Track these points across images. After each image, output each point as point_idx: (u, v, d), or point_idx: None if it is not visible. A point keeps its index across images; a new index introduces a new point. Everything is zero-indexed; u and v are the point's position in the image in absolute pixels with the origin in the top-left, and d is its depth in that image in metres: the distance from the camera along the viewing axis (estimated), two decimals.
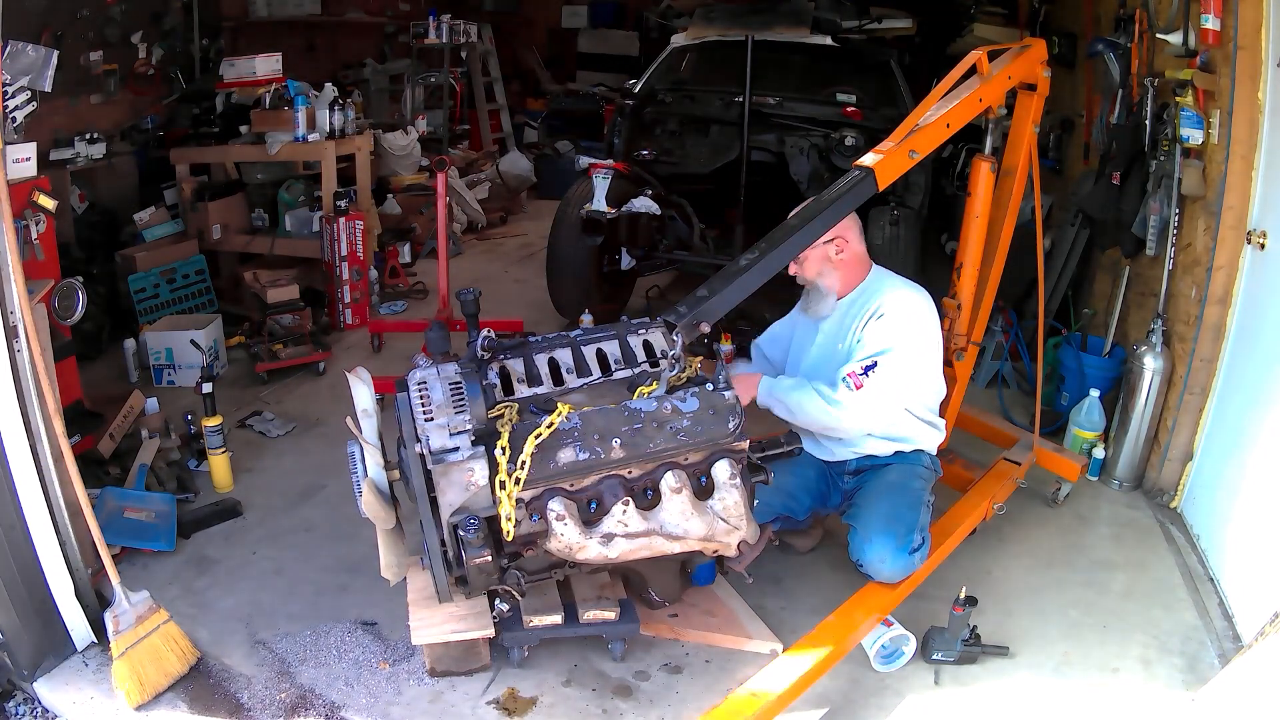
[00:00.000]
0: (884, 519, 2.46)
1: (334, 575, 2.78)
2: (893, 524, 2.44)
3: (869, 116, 4.33)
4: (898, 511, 2.48)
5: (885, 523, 2.45)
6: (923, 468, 2.68)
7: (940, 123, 2.59)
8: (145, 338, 4.08)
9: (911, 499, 2.53)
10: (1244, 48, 2.79)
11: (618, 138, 4.79)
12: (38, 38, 3.96)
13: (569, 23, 9.90)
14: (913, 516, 2.48)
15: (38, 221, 2.72)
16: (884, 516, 2.47)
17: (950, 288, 2.94)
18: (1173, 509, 3.18)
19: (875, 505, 2.53)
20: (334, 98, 4.83)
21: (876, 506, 2.52)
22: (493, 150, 8.12)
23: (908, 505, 2.50)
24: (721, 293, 2.28)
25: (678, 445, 2.09)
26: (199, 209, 4.78)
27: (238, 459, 3.36)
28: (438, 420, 1.98)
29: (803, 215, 2.47)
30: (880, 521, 2.46)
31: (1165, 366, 3.18)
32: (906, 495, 2.54)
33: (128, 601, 2.31)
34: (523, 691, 2.32)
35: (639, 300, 5.02)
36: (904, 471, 2.64)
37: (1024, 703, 2.34)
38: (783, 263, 2.41)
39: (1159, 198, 3.27)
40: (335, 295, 4.74)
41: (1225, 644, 2.50)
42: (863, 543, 2.46)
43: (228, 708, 2.27)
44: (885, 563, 2.42)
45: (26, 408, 2.27)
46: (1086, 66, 4.47)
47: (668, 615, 2.55)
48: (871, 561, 2.44)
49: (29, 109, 2.73)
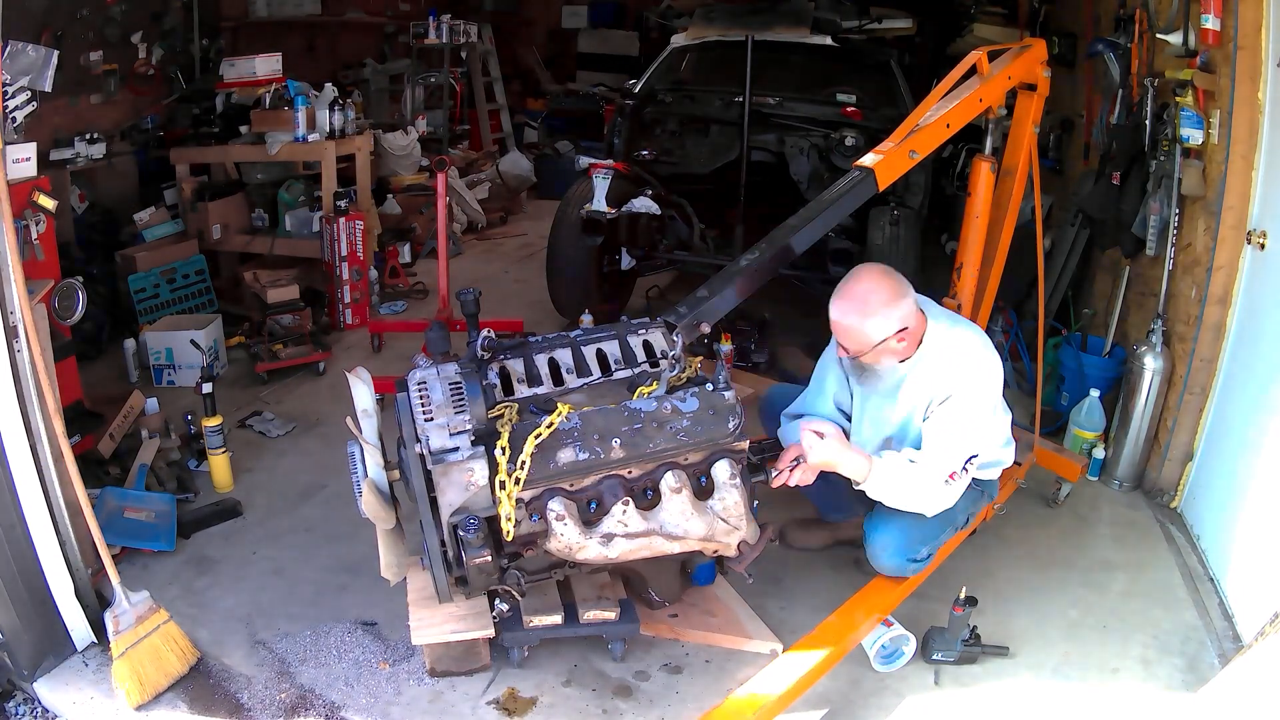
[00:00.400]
0: (908, 517, 2.40)
1: (334, 575, 2.78)
2: (912, 527, 2.41)
3: (869, 116, 4.33)
4: (922, 518, 2.41)
5: (906, 522, 2.40)
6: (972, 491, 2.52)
7: (940, 123, 2.59)
8: (145, 338, 4.08)
9: (943, 515, 2.44)
10: (1244, 48, 2.79)
11: (618, 138, 4.78)
12: (38, 38, 3.96)
13: (569, 23, 9.90)
14: (933, 531, 2.45)
15: (38, 221, 2.72)
16: (908, 515, 2.40)
17: (950, 288, 2.94)
18: (1173, 509, 3.18)
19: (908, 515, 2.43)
20: (334, 98, 4.83)
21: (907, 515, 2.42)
22: (493, 150, 8.12)
23: (937, 518, 2.43)
24: (722, 293, 2.28)
25: (678, 445, 2.10)
26: (199, 209, 4.78)
27: (238, 459, 3.36)
28: (438, 420, 1.98)
29: (803, 215, 2.46)
30: (903, 517, 2.40)
31: (1165, 366, 3.18)
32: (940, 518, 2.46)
33: (128, 601, 2.31)
34: (523, 691, 2.32)
35: (639, 300, 5.02)
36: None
37: (1024, 703, 2.34)
38: (784, 263, 2.40)
39: (1159, 198, 3.27)
40: (335, 295, 4.74)
41: (1225, 644, 2.50)
42: (877, 525, 2.44)
43: (228, 708, 2.27)
44: (886, 555, 2.42)
45: (26, 408, 2.27)
46: (1086, 66, 4.46)
47: (668, 615, 2.55)
48: (873, 547, 2.44)
49: (29, 109, 2.73)
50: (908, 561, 2.43)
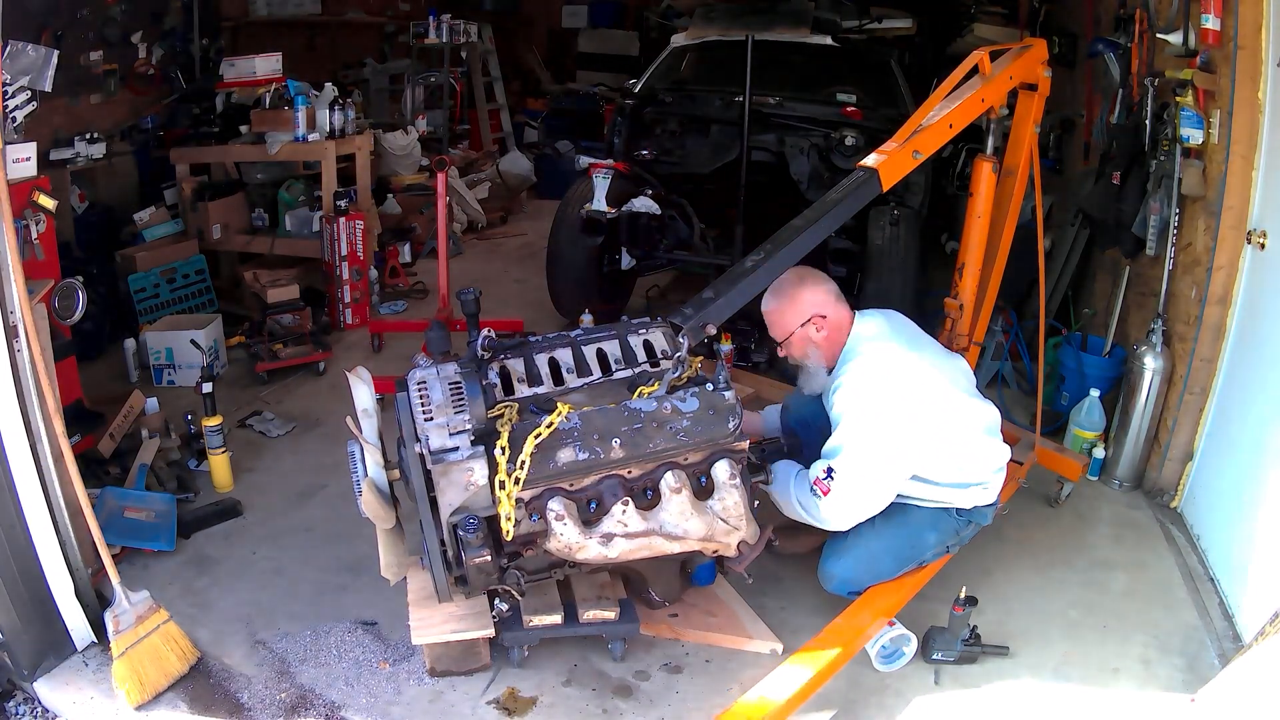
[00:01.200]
0: (863, 556, 2.47)
1: (334, 575, 2.78)
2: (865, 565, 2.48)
3: (869, 116, 4.32)
4: (880, 560, 2.48)
5: (860, 560, 2.48)
6: (950, 520, 2.53)
7: (943, 123, 2.58)
8: (145, 337, 4.08)
9: (905, 554, 2.50)
10: (1244, 48, 2.79)
11: (618, 138, 4.78)
12: (38, 38, 3.96)
13: (569, 23, 9.90)
14: (888, 570, 2.49)
15: (38, 221, 2.72)
16: (865, 553, 2.47)
17: (952, 288, 2.94)
18: (1173, 509, 3.18)
19: (867, 537, 2.46)
20: (334, 97, 4.83)
21: (867, 539, 2.47)
22: (493, 150, 8.11)
23: (892, 558, 2.49)
24: (727, 294, 2.27)
25: (678, 445, 2.10)
26: (199, 209, 4.78)
27: (238, 459, 3.36)
28: (437, 420, 1.98)
29: (807, 216, 2.45)
30: (860, 554, 2.48)
31: (1165, 366, 3.18)
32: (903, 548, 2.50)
33: (128, 601, 2.31)
34: (523, 691, 2.32)
35: (639, 300, 5.02)
36: (926, 519, 2.52)
37: (1024, 703, 2.34)
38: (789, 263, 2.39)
39: (1159, 198, 3.27)
40: (335, 295, 4.74)
41: (1225, 644, 2.50)
42: (831, 556, 2.53)
43: (228, 707, 2.27)
44: (829, 584, 2.53)
45: (26, 408, 2.27)
46: (1086, 66, 4.47)
47: (668, 615, 2.55)
48: (822, 574, 2.55)
49: (29, 109, 2.73)
50: (848, 594, 2.50)
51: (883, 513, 2.43)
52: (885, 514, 2.43)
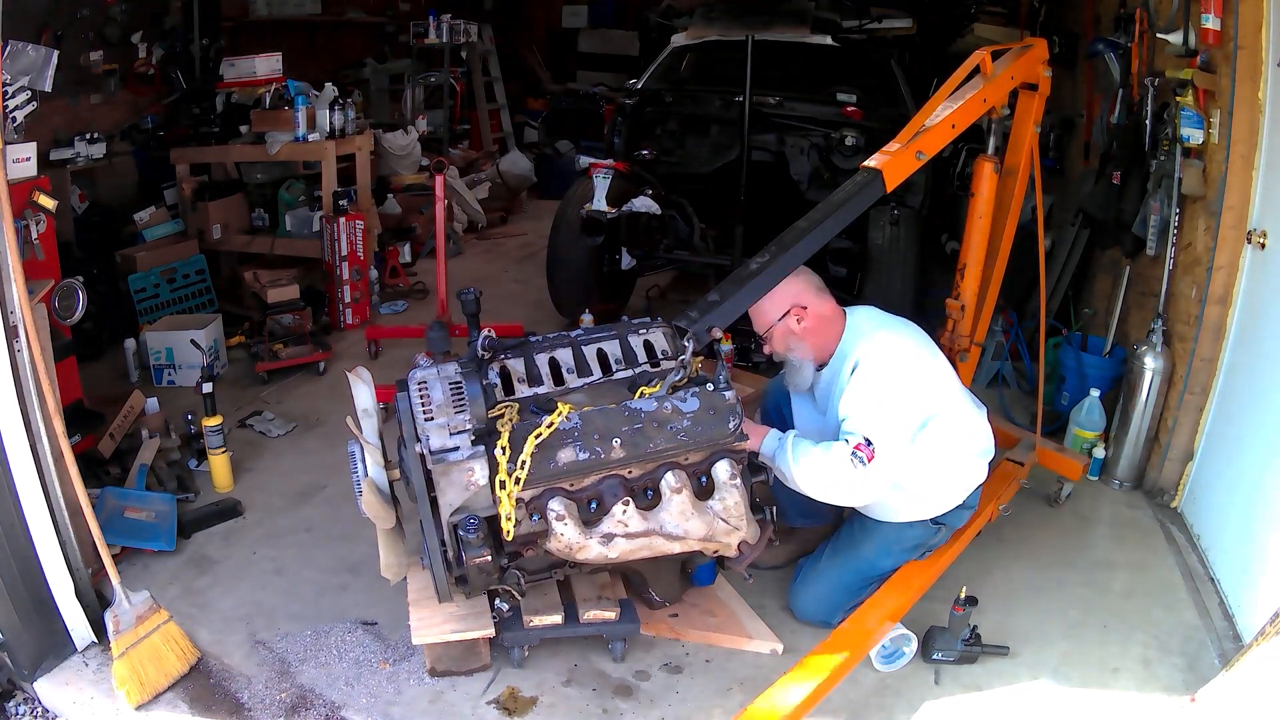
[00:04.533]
0: (826, 590, 2.55)
1: (334, 575, 2.78)
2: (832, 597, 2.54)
3: (869, 116, 4.32)
4: (837, 593, 2.53)
5: (826, 592, 2.55)
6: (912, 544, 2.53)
7: (946, 123, 2.58)
8: (145, 338, 4.08)
9: (863, 580, 2.53)
10: (1244, 47, 2.79)
11: (618, 138, 4.79)
12: (38, 38, 3.96)
13: (569, 23, 9.89)
14: (853, 600, 2.50)
15: (38, 221, 2.72)
16: (828, 587, 2.55)
17: (953, 288, 2.94)
18: (1173, 509, 3.18)
19: (828, 569, 2.56)
20: (334, 97, 4.83)
21: (829, 571, 2.56)
22: (493, 150, 8.11)
23: (857, 587, 2.52)
24: (733, 296, 2.27)
25: (678, 445, 2.10)
26: (199, 209, 4.78)
27: (238, 459, 3.36)
28: (438, 420, 1.98)
29: (812, 217, 2.45)
30: (823, 588, 2.55)
31: (1165, 366, 3.18)
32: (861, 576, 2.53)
33: (128, 601, 2.31)
34: (523, 691, 2.32)
35: (639, 300, 5.02)
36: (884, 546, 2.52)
37: (1024, 702, 2.34)
38: (794, 265, 2.39)
39: (1159, 197, 3.27)
40: (335, 295, 4.74)
41: (1225, 644, 2.50)
42: (800, 590, 2.60)
43: (228, 708, 2.27)
44: (804, 617, 2.59)
45: (26, 408, 2.27)
46: (1087, 66, 4.46)
47: (668, 615, 2.55)
48: (795, 609, 2.61)
49: (29, 109, 2.73)
50: (822, 623, 2.52)
51: (846, 536, 2.58)
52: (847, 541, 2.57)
